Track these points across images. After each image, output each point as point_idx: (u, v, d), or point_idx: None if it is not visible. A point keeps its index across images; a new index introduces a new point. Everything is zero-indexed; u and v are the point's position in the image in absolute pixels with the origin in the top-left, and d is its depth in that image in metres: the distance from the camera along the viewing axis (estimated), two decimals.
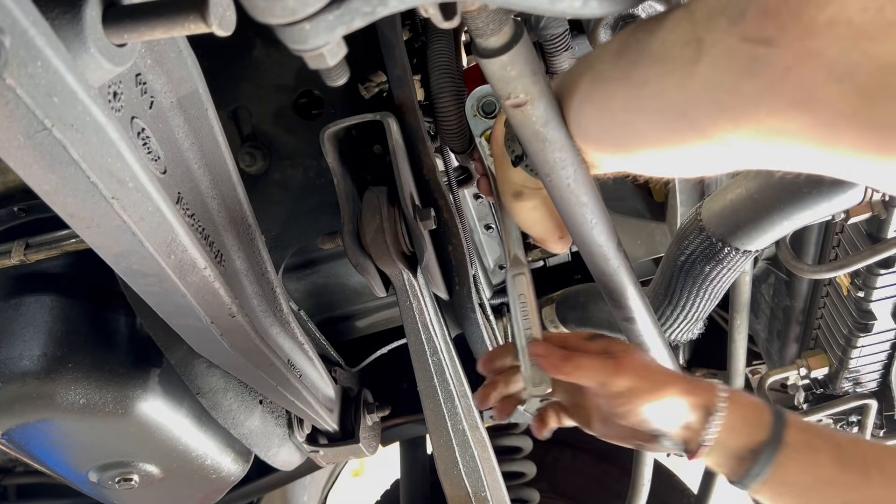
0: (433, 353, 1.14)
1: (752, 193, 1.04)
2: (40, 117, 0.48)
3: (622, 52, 0.60)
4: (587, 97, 0.65)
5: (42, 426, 1.15)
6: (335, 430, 1.40)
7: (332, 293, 1.46)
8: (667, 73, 0.53)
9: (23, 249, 1.01)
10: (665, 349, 1.06)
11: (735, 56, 0.47)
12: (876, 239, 1.17)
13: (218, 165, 0.90)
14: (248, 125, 1.13)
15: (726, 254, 1.06)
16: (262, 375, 1.02)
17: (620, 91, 0.60)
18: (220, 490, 1.41)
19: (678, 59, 0.52)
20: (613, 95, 0.61)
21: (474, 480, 1.22)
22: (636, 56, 0.57)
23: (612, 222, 0.86)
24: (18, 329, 1.10)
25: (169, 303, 0.77)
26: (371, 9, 0.47)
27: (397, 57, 1.03)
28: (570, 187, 0.76)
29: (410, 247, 1.09)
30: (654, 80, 0.55)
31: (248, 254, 0.99)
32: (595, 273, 0.89)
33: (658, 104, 0.56)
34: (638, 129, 0.61)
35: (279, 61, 1.09)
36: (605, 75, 0.62)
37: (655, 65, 0.55)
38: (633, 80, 0.58)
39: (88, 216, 0.59)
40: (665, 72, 0.54)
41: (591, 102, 0.65)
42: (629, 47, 0.59)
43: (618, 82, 0.60)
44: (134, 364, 1.16)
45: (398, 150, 1.04)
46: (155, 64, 0.77)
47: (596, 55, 0.66)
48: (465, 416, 1.19)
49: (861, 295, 1.29)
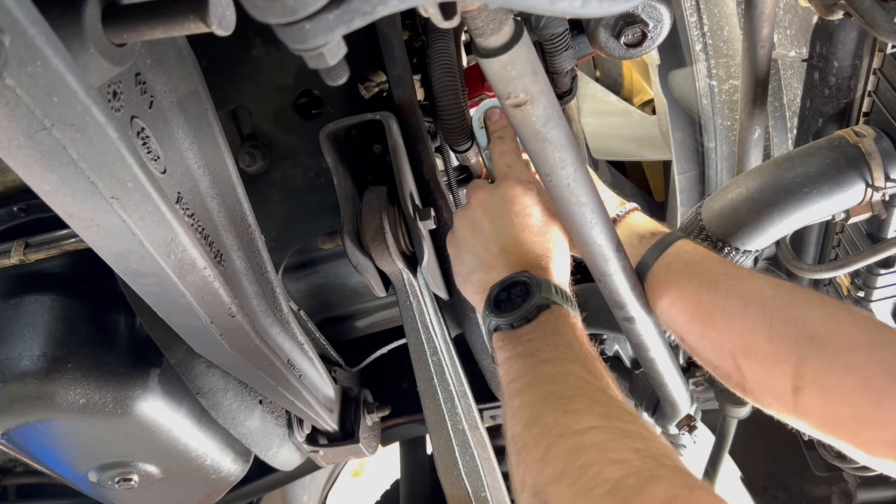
0: (433, 353, 1.14)
1: (752, 193, 1.04)
2: (40, 117, 0.48)
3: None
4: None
5: (42, 426, 1.15)
6: (335, 430, 1.40)
7: (332, 293, 1.46)
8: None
9: (22, 249, 1.01)
10: (665, 349, 1.06)
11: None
12: (876, 239, 1.17)
13: (217, 165, 0.90)
14: (248, 125, 1.13)
15: (726, 254, 1.05)
16: (262, 375, 1.02)
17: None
18: (220, 490, 1.41)
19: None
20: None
21: (474, 480, 1.22)
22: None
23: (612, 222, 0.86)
24: (18, 329, 1.09)
25: (169, 303, 0.77)
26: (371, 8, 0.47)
27: (397, 57, 1.03)
28: (570, 187, 0.76)
29: (410, 247, 1.09)
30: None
31: (248, 254, 0.99)
32: (595, 273, 0.89)
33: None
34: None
35: (279, 61, 1.09)
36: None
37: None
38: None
39: (88, 216, 0.59)
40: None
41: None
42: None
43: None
44: (134, 364, 1.16)
45: (398, 150, 1.04)
46: (155, 63, 0.77)
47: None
48: (465, 416, 1.19)
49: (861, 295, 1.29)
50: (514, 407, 0.73)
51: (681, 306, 0.89)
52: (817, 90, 1.22)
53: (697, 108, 1.49)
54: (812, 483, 1.95)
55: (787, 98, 1.40)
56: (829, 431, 0.72)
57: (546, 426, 0.66)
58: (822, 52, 1.17)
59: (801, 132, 1.34)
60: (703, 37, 1.37)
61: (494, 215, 0.92)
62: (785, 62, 1.35)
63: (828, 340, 0.73)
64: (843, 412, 0.70)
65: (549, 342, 0.78)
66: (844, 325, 0.74)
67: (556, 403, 0.68)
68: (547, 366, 0.75)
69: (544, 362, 0.75)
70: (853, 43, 1.11)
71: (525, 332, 0.80)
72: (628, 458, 0.58)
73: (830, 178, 1.01)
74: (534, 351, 0.77)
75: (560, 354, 0.76)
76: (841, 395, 0.70)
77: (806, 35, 1.23)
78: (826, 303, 0.79)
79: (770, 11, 1.03)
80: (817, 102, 1.23)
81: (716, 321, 0.84)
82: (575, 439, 0.62)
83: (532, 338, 0.79)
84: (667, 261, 0.93)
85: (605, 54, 1.05)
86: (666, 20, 1.01)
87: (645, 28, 1.01)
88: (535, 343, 0.78)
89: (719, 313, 0.84)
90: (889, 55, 1.06)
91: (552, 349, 0.77)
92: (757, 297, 0.81)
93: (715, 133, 1.48)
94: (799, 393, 0.74)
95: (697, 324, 0.87)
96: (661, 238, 0.96)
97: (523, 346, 0.79)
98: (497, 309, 0.84)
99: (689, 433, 1.52)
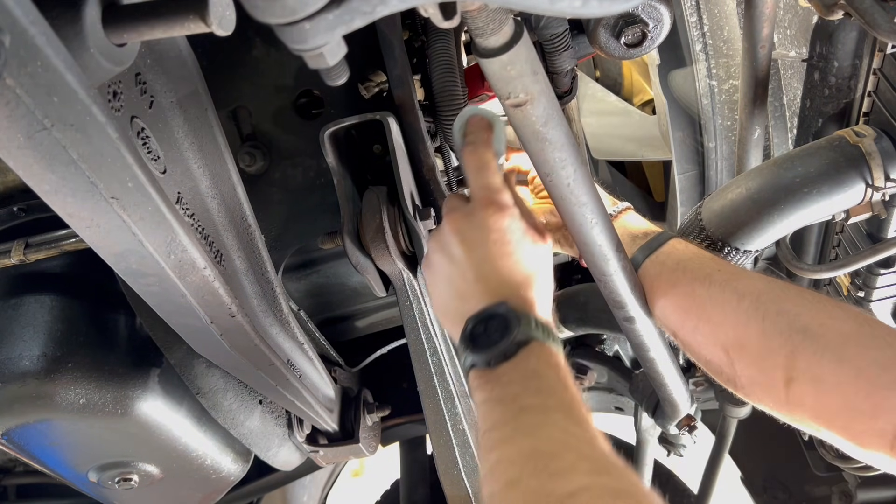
0: (433, 353, 1.14)
1: (752, 193, 1.04)
2: (40, 117, 0.48)
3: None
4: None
5: (42, 426, 1.15)
6: (335, 430, 1.40)
7: (332, 293, 1.46)
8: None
9: (22, 249, 1.01)
10: (665, 349, 1.06)
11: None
12: (876, 239, 1.17)
13: (217, 165, 0.90)
14: (248, 125, 1.13)
15: (726, 254, 1.05)
16: (262, 375, 1.02)
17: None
18: (220, 490, 1.41)
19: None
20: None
21: (474, 480, 1.22)
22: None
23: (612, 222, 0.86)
24: (18, 329, 1.09)
25: (169, 303, 0.77)
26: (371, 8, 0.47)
27: (397, 57, 1.03)
28: (570, 187, 0.76)
29: (410, 247, 1.09)
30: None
31: (248, 254, 0.99)
32: (595, 273, 0.89)
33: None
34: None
35: (279, 61, 1.09)
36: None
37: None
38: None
39: (88, 216, 0.59)
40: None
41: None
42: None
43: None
44: (134, 364, 1.16)
45: (398, 150, 1.04)
46: (155, 64, 0.77)
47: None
48: (465, 416, 1.19)
49: (861, 295, 1.29)
50: (493, 461, 0.67)
51: (675, 301, 0.89)
52: (817, 90, 1.22)
53: (697, 108, 1.49)
54: (812, 483, 1.95)
55: (787, 98, 1.40)
56: (822, 423, 0.73)
57: (528, 490, 0.61)
58: (822, 52, 1.17)
59: (801, 132, 1.34)
60: (703, 37, 1.37)
61: (471, 243, 0.84)
62: (785, 62, 1.35)
63: (820, 333, 0.74)
64: (835, 403, 0.70)
65: (529, 386, 0.72)
66: (836, 318, 0.75)
67: (540, 464, 0.62)
68: (528, 415, 0.68)
69: (524, 411, 0.69)
70: (853, 43, 1.11)
71: (503, 371, 0.73)
72: None
73: (830, 178, 1.01)
74: (514, 396, 0.71)
75: (542, 401, 0.70)
76: (833, 386, 0.71)
77: (806, 35, 1.23)
78: (817, 298, 0.79)
79: (770, 11, 1.03)
80: (817, 102, 1.23)
81: (710, 314, 0.84)
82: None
83: (511, 379, 0.73)
84: (660, 259, 0.93)
85: (605, 54, 1.05)
86: (666, 20, 1.01)
87: (645, 28, 1.01)
88: (514, 386, 0.72)
89: (713, 306, 0.84)
90: (889, 55, 1.06)
91: (533, 394, 0.70)
92: (750, 291, 0.81)
93: (715, 133, 1.49)
94: (791, 385, 0.74)
95: (691, 317, 0.87)
96: (653, 237, 0.96)
97: (502, 389, 0.73)
98: (473, 344, 0.77)
99: (689, 433, 1.52)
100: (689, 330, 0.88)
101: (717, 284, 0.84)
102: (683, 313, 0.88)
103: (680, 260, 0.91)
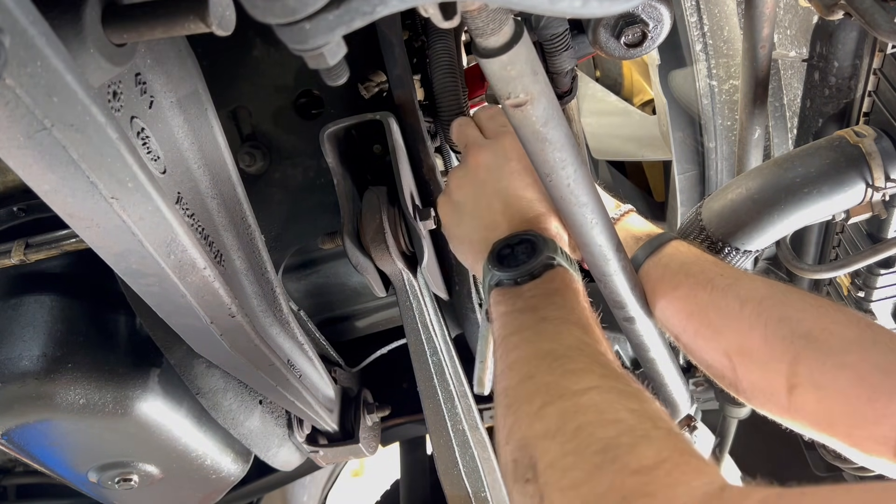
0: (433, 353, 1.14)
1: (752, 193, 1.04)
2: (40, 117, 0.48)
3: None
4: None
5: (42, 426, 1.15)
6: (335, 431, 1.40)
7: (332, 293, 1.46)
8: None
9: (23, 249, 1.01)
10: (665, 349, 1.06)
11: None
12: (876, 239, 1.17)
13: (217, 165, 0.90)
14: (248, 125, 1.13)
15: (726, 254, 1.05)
16: (262, 375, 1.02)
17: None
18: (220, 490, 1.41)
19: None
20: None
21: (474, 480, 1.22)
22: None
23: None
24: (18, 329, 1.09)
25: (169, 303, 0.77)
26: (371, 8, 0.47)
27: (397, 57, 1.03)
28: (570, 187, 0.76)
29: (410, 247, 1.09)
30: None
31: (248, 254, 0.99)
32: (595, 273, 0.89)
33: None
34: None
35: (279, 61, 1.09)
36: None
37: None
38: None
39: (88, 216, 0.59)
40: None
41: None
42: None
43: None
44: (134, 364, 1.16)
45: (398, 150, 1.04)
46: (155, 64, 0.77)
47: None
48: (465, 416, 1.19)
49: (861, 295, 1.29)
50: (510, 360, 0.71)
51: (677, 304, 0.89)
52: (817, 90, 1.22)
53: (697, 108, 1.49)
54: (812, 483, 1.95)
55: (787, 98, 1.40)
56: (824, 430, 0.73)
57: (543, 384, 0.65)
58: (822, 52, 1.17)
59: (802, 132, 1.34)
60: (703, 37, 1.37)
61: (498, 174, 0.89)
62: (785, 62, 1.35)
63: (822, 339, 0.73)
64: (837, 410, 0.70)
65: (551, 301, 0.76)
66: (838, 323, 0.75)
67: (555, 363, 0.67)
68: (547, 324, 0.73)
69: (545, 320, 0.74)
70: (853, 43, 1.11)
71: (528, 288, 0.79)
72: (623, 418, 0.58)
73: (830, 179, 1.01)
74: (535, 307, 0.76)
75: (562, 315, 0.74)
76: (835, 392, 0.70)
77: (806, 35, 1.23)
78: (820, 302, 0.79)
79: (770, 11, 1.03)
80: (817, 102, 1.23)
81: (711, 319, 0.84)
82: (573, 400, 0.62)
83: (534, 294, 0.78)
84: (662, 261, 0.93)
85: (605, 54, 1.05)
86: (666, 20, 1.01)
87: (645, 28, 1.01)
88: (537, 300, 0.77)
89: (715, 311, 0.84)
90: (889, 55, 1.06)
91: (554, 308, 0.75)
92: (752, 296, 0.81)
93: (715, 133, 1.49)
94: (794, 391, 0.74)
95: (693, 321, 0.87)
96: (653, 238, 0.96)
97: (524, 302, 0.77)
98: (500, 263, 0.82)
99: (690, 433, 1.52)
100: (690, 334, 0.88)
101: (720, 289, 0.84)
102: (685, 317, 0.88)
103: (682, 263, 0.91)
